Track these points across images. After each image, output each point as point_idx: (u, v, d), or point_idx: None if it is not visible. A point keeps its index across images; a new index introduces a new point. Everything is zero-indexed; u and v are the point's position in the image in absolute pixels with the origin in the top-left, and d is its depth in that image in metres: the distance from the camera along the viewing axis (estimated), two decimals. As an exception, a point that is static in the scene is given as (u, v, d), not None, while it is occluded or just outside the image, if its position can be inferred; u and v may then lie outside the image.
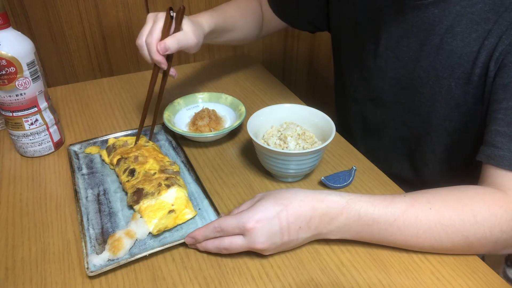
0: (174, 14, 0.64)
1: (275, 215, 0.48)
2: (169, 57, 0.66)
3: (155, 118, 0.72)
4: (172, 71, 0.69)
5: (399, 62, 0.67)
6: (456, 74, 0.60)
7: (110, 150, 0.68)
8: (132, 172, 0.62)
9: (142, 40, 0.65)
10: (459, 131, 0.65)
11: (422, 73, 0.64)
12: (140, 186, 0.59)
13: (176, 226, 0.56)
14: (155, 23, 0.64)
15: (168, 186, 0.58)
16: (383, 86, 0.72)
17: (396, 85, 0.70)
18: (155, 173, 0.61)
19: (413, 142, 0.72)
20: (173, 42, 0.63)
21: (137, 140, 0.70)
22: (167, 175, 0.61)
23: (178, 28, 0.65)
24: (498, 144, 0.53)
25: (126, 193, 0.61)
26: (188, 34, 0.66)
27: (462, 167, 0.68)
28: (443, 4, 0.60)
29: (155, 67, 0.67)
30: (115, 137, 0.72)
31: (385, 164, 0.77)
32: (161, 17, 0.65)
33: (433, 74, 0.63)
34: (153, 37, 0.63)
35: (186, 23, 0.66)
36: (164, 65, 0.65)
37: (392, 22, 0.67)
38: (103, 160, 0.69)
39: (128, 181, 0.61)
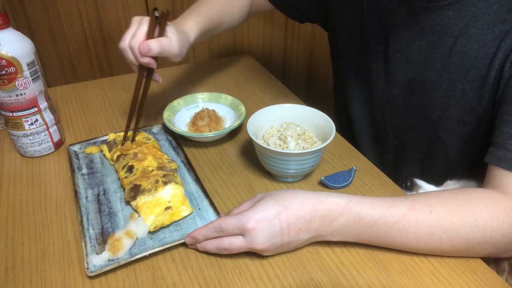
0: (159, 14, 0.63)
1: (276, 215, 0.48)
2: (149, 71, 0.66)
3: (138, 122, 0.71)
4: (156, 76, 0.69)
5: (409, 65, 0.66)
6: (471, 77, 0.59)
7: (111, 145, 0.69)
8: (130, 169, 0.62)
9: (125, 43, 0.63)
10: (472, 134, 0.63)
11: (434, 76, 0.63)
12: (138, 183, 0.59)
13: (176, 226, 0.56)
14: (139, 26, 0.63)
15: (165, 183, 0.59)
16: (392, 90, 0.71)
17: (405, 89, 0.68)
18: (153, 170, 0.61)
19: (424, 146, 0.71)
20: (156, 45, 0.61)
21: (123, 141, 0.69)
22: (165, 172, 0.61)
23: (162, 33, 0.63)
24: (510, 146, 0.52)
25: (124, 189, 0.61)
26: (172, 42, 0.64)
27: (475, 170, 0.66)
28: (458, 6, 0.58)
29: (140, 70, 0.66)
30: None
31: (395, 168, 0.76)
32: (146, 21, 0.63)
33: (446, 77, 0.62)
34: (137, 39, 0.61)
35: (171, 31, 0.64)
36: (153, 65, 0.64)
37: (402, 24, 0.65)
38: (104, 155, 0.69)
39: (126, 177, 0.61)
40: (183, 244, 0.53)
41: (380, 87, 0.72)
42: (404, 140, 0.73)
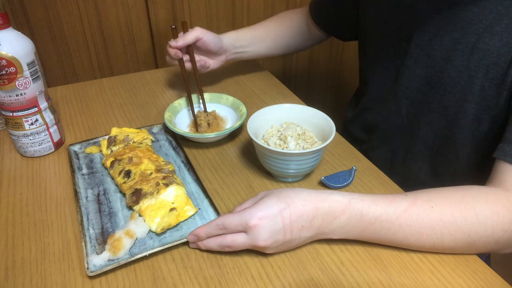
0: (175, 26, 0.79)
1: (278, 213, 0.48)
2: (189, 53, 0.81)
3: (200, 89, 0.81)
4: (200, 63, 0.82)
5: (430, 60, 0.66)
6: (491, 74, 0.59)
7: (111, 141, 0.69)
8: (128, 174, 0.62)
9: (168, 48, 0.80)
10: (485, 135, 0.63)
11: (454, 72, 0.63)
12: (138, 187, 0.59)
13: (176, 226, 0.56)
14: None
15: (166, 185, 0.58)
16: (411, 85, 0.71)
17: (424, 84, 0.68)
18: (151, 173, 0.61)
19: (437, 143, 0.71)
20: (190, 33, 0.79)
21: (191, 107, 0.80)
22: (164, 174, 0.61)
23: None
24: None
25: (124, 195, 0.61)
26: (203, 30, 0.80)
27: (483, 173, 0.64)
28: (483, 3, 0.58)
29: (180, 63, 0.81)
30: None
31: (404, 164, 0.76)
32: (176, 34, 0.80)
33: (465, 74, 0.62)
34: (170, 43, 0.79)
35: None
36: (179, 53, 0.79)
37: (426, 19, 0.65)
38: (100, 151, 0.70)
39: (124, 182, 0.61)
40: (183, 244, 0.53)
41: (400, 82, 0.72)
42: (416, 136, 0.73)
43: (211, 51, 0.83)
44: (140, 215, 0.56)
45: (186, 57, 0.81)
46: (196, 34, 0.79)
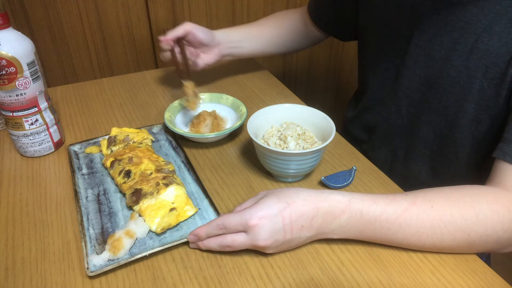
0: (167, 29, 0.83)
1: (278, 212, 0.49)
2: (180, 47, 0.81)
3: (187, 62, 0.81)
4: (191, 54, 0.83)
5: (430, 60, 0.66)
6: (490, 74, 0.59)
7: (111, 141, 0.69)
8: (128, 174, 0.62)
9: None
10: (485, 135, 0.63)
11: (453, 72, 0.63)
12: (138, 187, 0.59)
13: (176, 226, 0.56)
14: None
15: (166, 185, 0.58)
16: (411, 85, 0.71)
17: (424, 84, 0.69)
18: (151, 173, 0.61)
19: (437, 143, 0.71)
20: (179, 27, 0.80)
21: (183, 76, 0.79)
22: (164, 174, 0.61)
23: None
24: None
25: (124, 195, 0.61)
26: (187, 23, 0.81)
27: (483, 173, 0.64)
28: (482, 3, 0.59)
29: (172, 54, 0.81)
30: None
31: (404, 164, 0.76)
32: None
33: (465, 74, 0.62)
34: (160, 37, 0.80)
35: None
36: (170, 42, 0.79)
37: (426, 20, 0.66)
38: (100, 151, 0.70)
39: (124, 182, 0.61)
40: (183, 244, 0.53)
41: (400, 82, 0.72)
42: (416, 136, 0.73)
43: (202, 43, 0.83)
44: (140, 215, 0.56)
45: (177, 49, 0.82)
46: (184, 27, 0.80)
